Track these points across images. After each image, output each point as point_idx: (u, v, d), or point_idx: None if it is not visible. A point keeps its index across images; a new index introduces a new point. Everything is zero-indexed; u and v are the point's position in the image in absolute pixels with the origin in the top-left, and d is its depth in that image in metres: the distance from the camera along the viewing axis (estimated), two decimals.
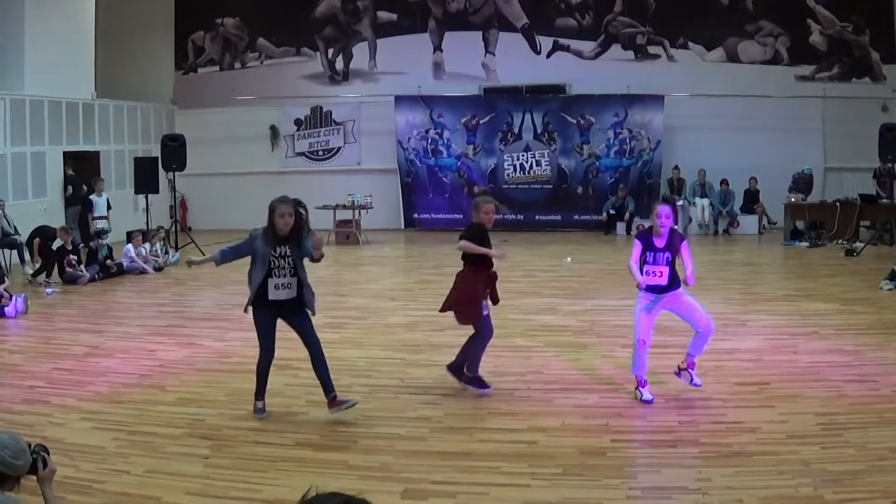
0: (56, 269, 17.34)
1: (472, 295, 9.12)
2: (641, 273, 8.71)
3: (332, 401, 8.45)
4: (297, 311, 8.55)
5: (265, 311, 8.49)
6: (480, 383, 9.24)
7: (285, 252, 8.36)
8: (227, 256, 8.72)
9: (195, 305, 14.94)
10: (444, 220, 25.58)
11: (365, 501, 2.82)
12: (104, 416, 8.65)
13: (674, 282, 8.74)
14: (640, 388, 8.90)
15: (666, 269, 8.68)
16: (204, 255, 19.91)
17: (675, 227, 8.85)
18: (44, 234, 17.82)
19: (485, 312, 9.13)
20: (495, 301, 9.35)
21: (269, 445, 7.78)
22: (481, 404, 8.94)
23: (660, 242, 8.68)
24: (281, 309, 8.50)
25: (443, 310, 9.42)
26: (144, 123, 25.71)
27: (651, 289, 8.73)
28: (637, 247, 8.74)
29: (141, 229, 19.50)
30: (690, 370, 8.98)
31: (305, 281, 8.50)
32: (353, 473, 7.12)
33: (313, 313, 8.63)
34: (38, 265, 17.39)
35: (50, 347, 11.80)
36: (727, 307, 13.51)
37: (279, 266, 8.35)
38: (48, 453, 5.26)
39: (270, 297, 8.37)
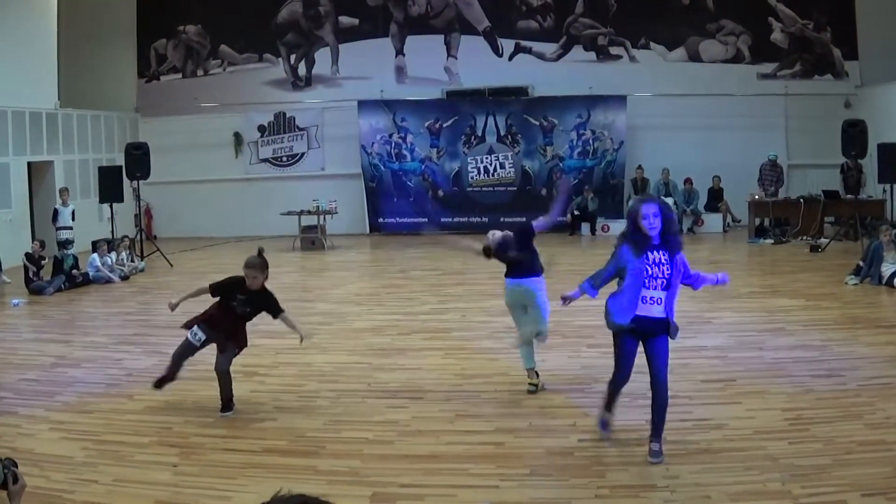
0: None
1: None
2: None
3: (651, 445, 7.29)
4: (660, 332, 7.25)
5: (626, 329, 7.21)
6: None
7: (659, 259, 7.10)
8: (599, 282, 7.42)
9: (161, 314, 14.80)
10: (408, 224, 25.38)
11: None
12: (72, 426, 8.59)
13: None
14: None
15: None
16: (170, 263, 19.98)
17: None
18: None
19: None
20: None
21: (237, 452, 7.75)
22: (448, 407, 8.93)
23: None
24: (644, 328, 7.19)
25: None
26: (108, 132, 25.51)
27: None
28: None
29: (106, 238, 19.38)
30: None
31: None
32: (321, 478, 7.11)
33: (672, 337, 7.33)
34: None
35: (17, 358, 11.69)
36: (693, 305, 13.53)
37: (652, 276, 7.07)
38: (17, 466, 5.23)
39: (639, 312, 7.08)
